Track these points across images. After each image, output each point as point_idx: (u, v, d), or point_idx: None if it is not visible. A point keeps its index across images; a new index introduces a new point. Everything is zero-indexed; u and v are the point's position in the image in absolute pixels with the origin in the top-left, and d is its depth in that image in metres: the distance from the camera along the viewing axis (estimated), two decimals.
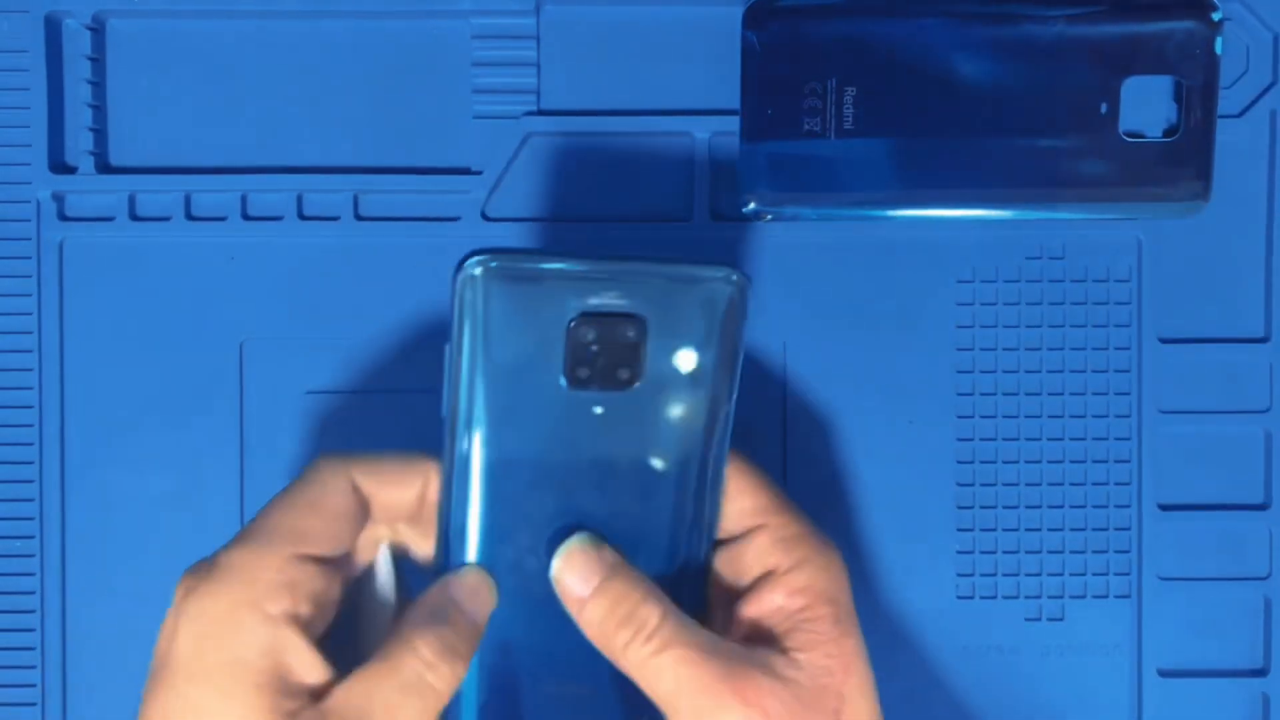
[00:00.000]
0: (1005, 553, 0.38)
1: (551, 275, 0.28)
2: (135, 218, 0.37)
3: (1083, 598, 0.38)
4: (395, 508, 0.30)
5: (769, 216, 0.36)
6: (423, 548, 0.31)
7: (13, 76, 0.37)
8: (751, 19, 0.36)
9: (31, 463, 0.37)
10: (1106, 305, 0.38)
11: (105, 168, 0.38)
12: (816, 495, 0.37)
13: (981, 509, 0.38)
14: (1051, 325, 0.38)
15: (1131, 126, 0.36)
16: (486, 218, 0.37)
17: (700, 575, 0.31)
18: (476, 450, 0.29)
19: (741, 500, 0.31)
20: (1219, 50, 0.36)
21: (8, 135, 0.37)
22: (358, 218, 0.37)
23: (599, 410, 0.29)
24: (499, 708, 0.30)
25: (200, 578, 0.28)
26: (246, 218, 0.37)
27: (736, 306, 0.29)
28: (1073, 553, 0.38)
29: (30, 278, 0.37)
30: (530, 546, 0.30)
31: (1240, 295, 0.38)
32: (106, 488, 0.37)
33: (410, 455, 0.30)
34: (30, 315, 0.37)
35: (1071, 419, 0.38)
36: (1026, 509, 0.38)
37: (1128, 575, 0.38)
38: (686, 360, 0.29)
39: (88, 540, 0.37)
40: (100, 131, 0.38)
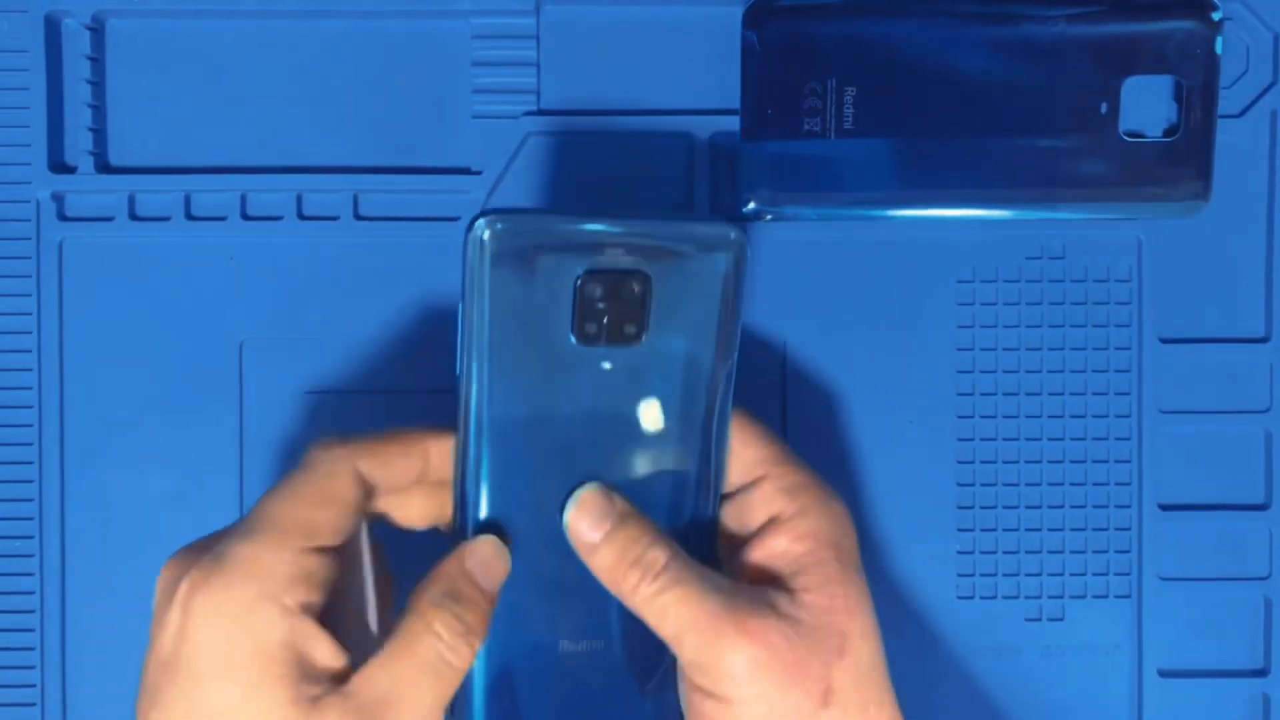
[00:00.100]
0: (1005, 553, 0.38)
1: (559, 234, 0.28)
2: (135, 218, 0.37)
3: (1083, 598, 0.38)
4: (397, 487, 0.31)
5: (769, 216, 0.36)
6: (404, 512, 0.31)
7: (13, 76, 0.37)
8: (751, 19, 0.36)
9: (31, 463, 0.37)
10: (1107, 305, 0.38)
11: (105, 168, 0.38)
12: None
13: (982, 509, 0.38)
14: (1052, 325, 0.38)
15: (1131, 126, 0.36)
16: None
17: (708, 527, 0.31)
18: (489, 408, 0.29)
19: (746, 452, 0.31)
20: (1219, 50, 0.36)
21: (8, 135, 0.37)
22: (357, 218, 0.37)
23: (607, 366, 0.29)
24: (513, 668, 0.31)
25: (209, 571, 0.27)
26: (246, 218, 0.37)
27: (738, 262, 0.29)
28: (1073, 553, 0.38)
29: (30, 278, 0.37)
30: (542, 502, 0.30)
31: (1240, 295, 0.38)
32: (106, 488, 0.37)
33: (408, 434, 0.31)
34: (30, 315, 0.37)
35: (1072, 419, 0.38)
36: (1027, 509, 0.38)
37: (1128, 575, 0.38)
38: (690, 315, 0.29)
39: (88, 540, 0.37)
40: (100, 131, 0.38)
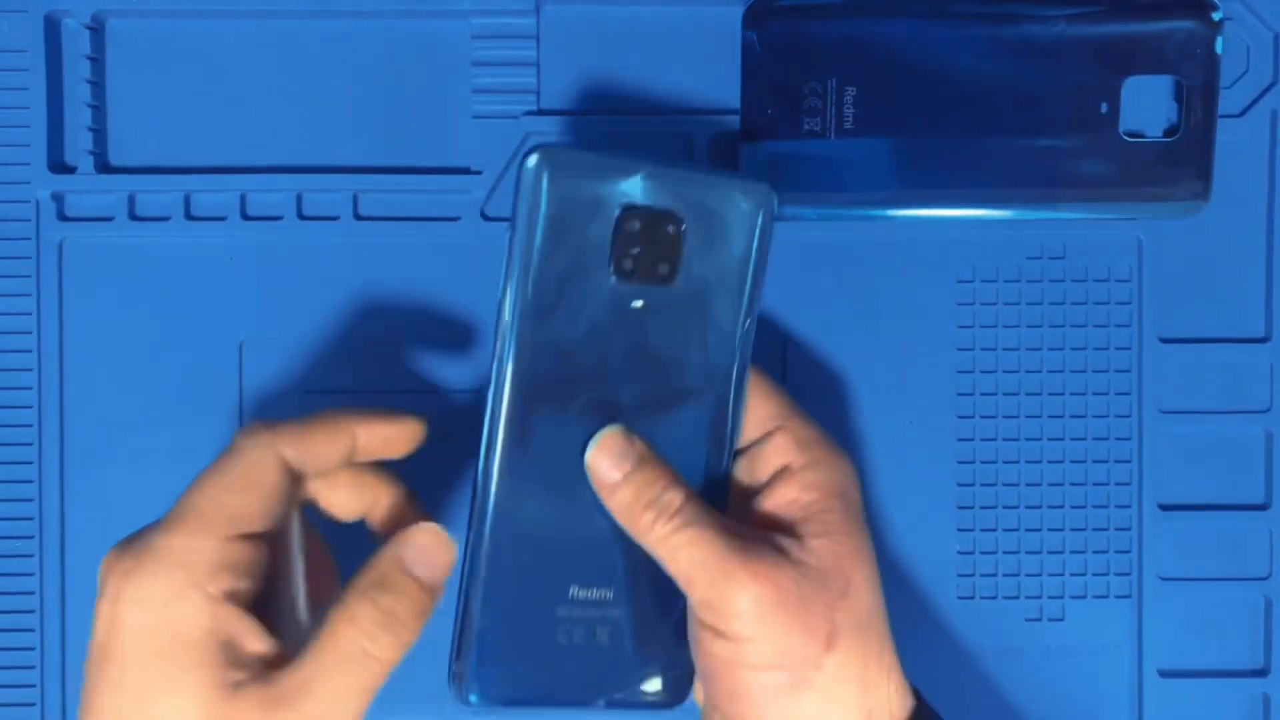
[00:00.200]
0: (1006, 553, 0.38)
1: (603, 171, 0.30)
2: (135, 218, 0.37)
3: (1083, 598, 0.38)
4: (323, 471, 0.31)
5: None
6: (332, 498, 0.32)
7: (12, 76, 0.37)
8: (751, 19, 0.36)
9: (31, 463, 0.37)
10: (1107, 305, 0.38)
11: (105, 167, 0.38)
12: None
13: (982, 509, 0.38)
14: (1052, 325, 0.38)
15: (1132, 126, 0.36)
16: (486, 217, 0.37)
17: (723, 476, 0.32)
18: (525, 333, 0.30)
19: (763, 407, 0.32)
20: (1219, 50, 0.36)
21: (7, 135, 0.37)
22: (357, 218, 0.37)
23: (638, 304, 0.31)
24: (517, 609, 0.31)
25: (137, 561, 0.28)
26: (246, 218, 0.37)
27: (766, 217, 0.31)
28: (1073, 553, 0.38)
29: (30, 278, 0.37)
30: (564, 437, 0.31)
31: (1240, 295, 0.38)
32: (106, 488, 0.37)
33: (336, 416, 0.31)
34: (30, 315, 0.37)
35: (1072, 419, 0.38)
36: (1027, 509, 0.38)
37: (1128, 575, 0.38)
38: (719, 264, 0.31)
39: (88, 540, 0.37)
40: (100, 131, 0.38)
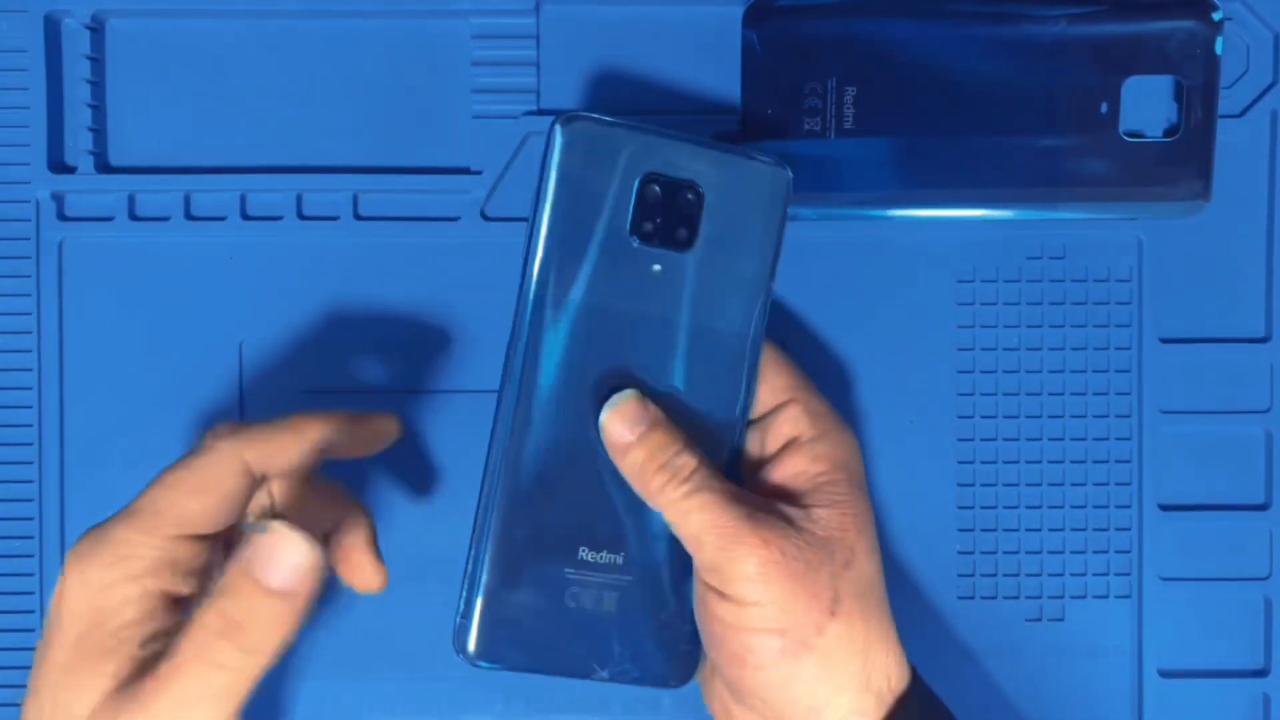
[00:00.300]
0: (1006, 553, 0.38)
1: (628, 139, 0.31)
2: (135, 218, 0.37)
3: (1083, 598, 0.38)
4: (290, 471, 0.31)
5: None
6: (288, 496, 0.32)
7: (12, 76, 0.37)
8: (751, 19, 0.36)
9: (31, 463, 0.37)
10: (1107, 305, 0.38)
11: (105, 167, 0.38)
12: None
13: (982, 509, 0.38)
14: (1052, 325, 0.38)
15: (1132, 126, 0.36)
16: (486, 217, 0.37)
17: (735, 445, 0.33)
18: (546, 294, 0.31)
19: (776, 379, 0.33)
20: (1219, 50, 0.36)
21: (7, 135, 0.37)
22: (357, 218, 0.37)
23: (657, 268, 0.32)
24: (529, 565, 0.31)
25: (89, 547, 0.28)
26: (246, 218, 0.37)
27: (781, 193, 0.32)
28: (1073, 553, 0.38)
29: (30, 278, 0.37)
30: (580, 399, 0.31)
31: (1240, 295, 0.38)
32: (106, 488, 0.37)
33: (300, 420, 0.31)
34: (30, 315, 0.37)
35: (1072, 419, 0.38)
36: (1027, 509, 0.38)
37: (1128, 575, 0.38)
38: (736, 235, 0.32)
39: None
40: (100, 131, 0.38)
